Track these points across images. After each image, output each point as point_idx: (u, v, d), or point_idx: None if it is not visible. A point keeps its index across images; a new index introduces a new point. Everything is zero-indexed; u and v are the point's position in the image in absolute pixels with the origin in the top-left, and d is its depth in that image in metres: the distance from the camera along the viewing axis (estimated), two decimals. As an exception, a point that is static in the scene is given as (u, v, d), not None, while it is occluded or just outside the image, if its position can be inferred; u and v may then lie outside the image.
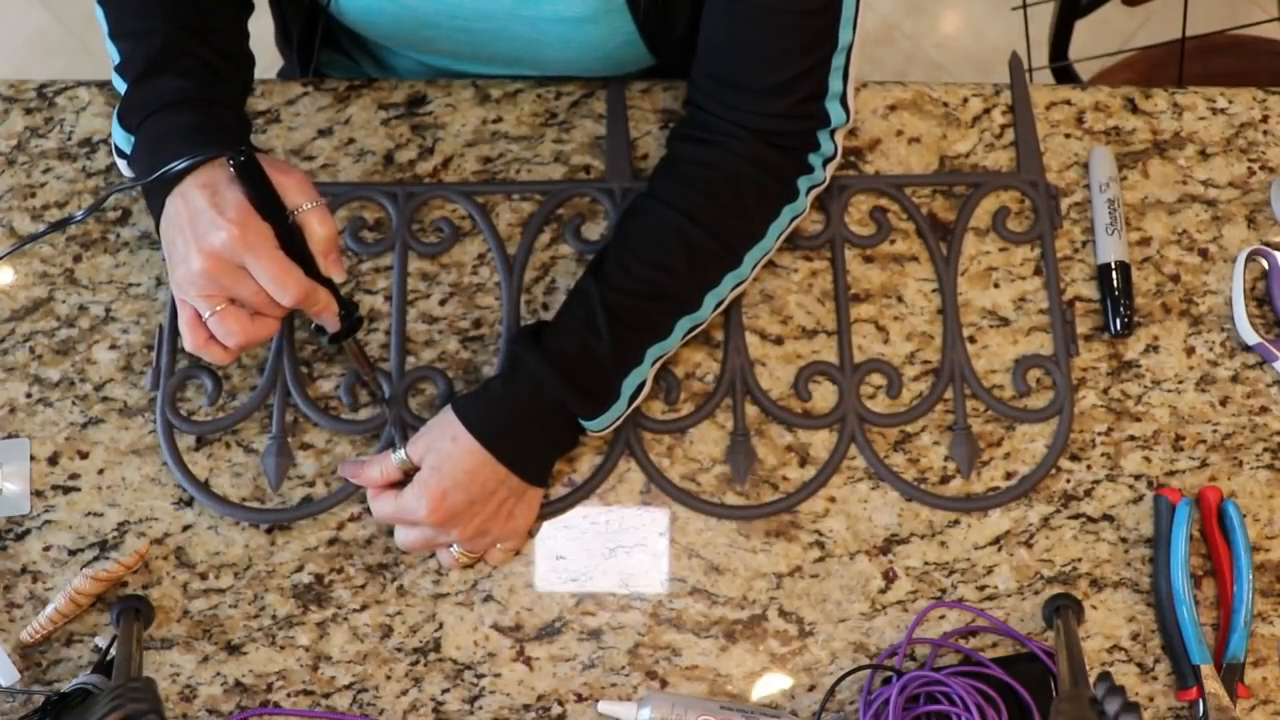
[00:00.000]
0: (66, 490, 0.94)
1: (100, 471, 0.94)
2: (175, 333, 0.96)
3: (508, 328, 0.97)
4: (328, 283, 0.84)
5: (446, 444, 0.87)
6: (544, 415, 0.89)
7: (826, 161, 0.94)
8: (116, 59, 0.86)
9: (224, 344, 0.81)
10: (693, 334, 0.93)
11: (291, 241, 0.81)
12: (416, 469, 0.88)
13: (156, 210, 0.83)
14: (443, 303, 0.99)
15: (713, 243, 0.91)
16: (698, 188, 0.91)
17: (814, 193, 0.95)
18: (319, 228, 0.82)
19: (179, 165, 0.79)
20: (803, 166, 0.94)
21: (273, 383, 0.96)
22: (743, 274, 0.93)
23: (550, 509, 0.94)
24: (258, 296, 0.80)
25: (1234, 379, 0.97)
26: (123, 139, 0.85)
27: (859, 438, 0.95)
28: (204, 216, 0.78)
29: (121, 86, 0.85)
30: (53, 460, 0.95)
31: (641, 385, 0.91)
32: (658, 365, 0.92)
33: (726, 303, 0.94)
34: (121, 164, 0.88)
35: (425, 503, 0.87)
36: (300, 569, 0.93)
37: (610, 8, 0.93)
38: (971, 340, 0.98)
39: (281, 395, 0.95)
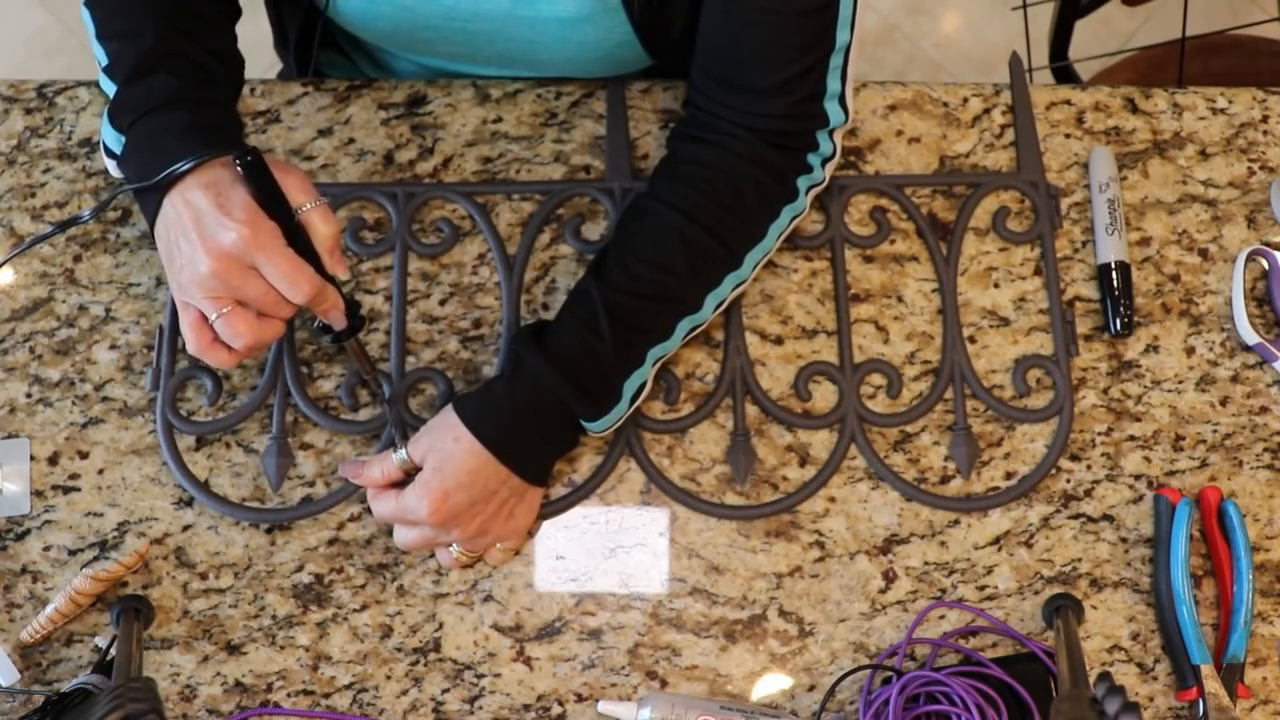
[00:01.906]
0: (66, 490, 0.94)
1: (100, 471, 0.94)
2: (175, 333, 0.96)
3: (508, 328, 0.97)
4: (332, 281, 0.84)
5: (448, 444, 0.87)
6: (546, 416, 0.89)
7: (825, 161, 0.94)
8: (105, 60, 0.86)
9: (230, 346, 0.81)
10: (693, 334, 0.93)
11: (297, 240, 0.81)
12: (417, 468, 0.88)
13: (151, 211, 0.82)
14: (443, 303, 0.99)
15: (713, 243, 0.91)
16: (698, 188, 0.91)
17: (813, 192, 0.95)
18: (323, 226, 0.82)
19: (185, 165, 0.79)
20: (802, 166, 0.94)
21: (273, 383, 0.96)
22: (743, 274, 0.93)
23: (550, 509, 0.94)
24: (267, 296, 0.80)
25: (1234, 379, 0.97)
26: (113, 139, 0.85)
27: (859, 438, 0.95)
28: (210, 217, 0.78)
29: (110, 87, 0.85)
30: (53, 460, 0.95)
31: (642, 386, 0.91)
32: (658, 366, 0.92)
33: (727, 303, 0.94)
34: (110, 164, 0.88)
35: (427, 503, 0.87)
36: (300, 569, 0.93)
37: (606, 8, 0.93)
38: (971, 340, 0.98)
39: (281, 395, 0.95)
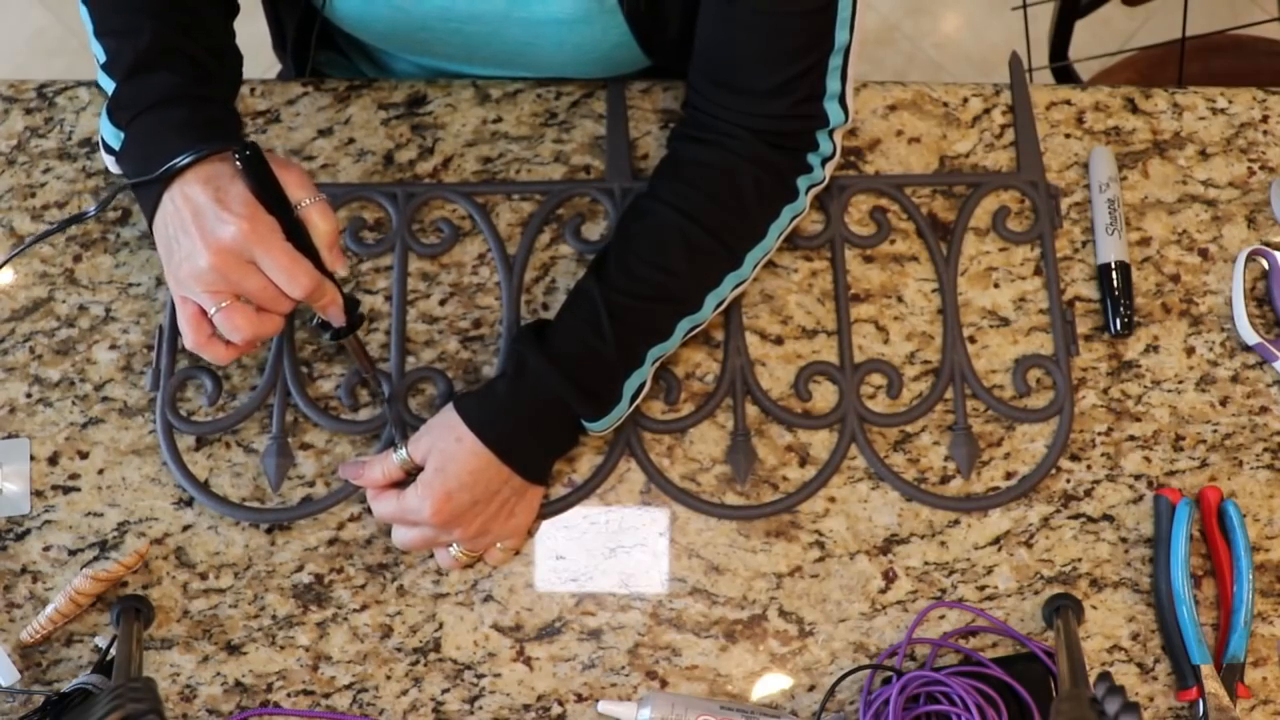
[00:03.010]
0: (66, 490, 0.94)
1: (100, 471, 0.94)
2: (175, 333, 0.96)
3: (508, 328, 0.97)
4: (330, 277, 0.84)
5: (451, 444, 0.87)
6: (548, 416, 0.89)
7: (826, 161, 0.94)
8: (103, 57, 0.86)
9: (229, 340, 0.81)
10: (692, 334, 0.93)
11: (296, 236, 0.81)
12: (419, 468, 0.88)
13: (150, 206, 0.82)
14: (443, 303, 0.99)
15: (714, 243, 0.91)
16: (698, 188, 0.91)
17: (813, 192, 0.95)
18: (321, 222, 0.82)
19: (185, 160, 0.79)
20: (802, 166, 0.94)
21: (273, 383, 0.96)
22: (743, 274, 0.93)
23: (550, 509, 0.94)
24: (266, 291, 0.80)
25: (1234, 379, 0.97)
26: (112, 135, 0.85)
27: (859, 438, 0.95)
28: (209, 211, 0.78)
29: (109, 84, 0.85)
30: (53, 460, 0.95)
31: (642, 386, 0.91)
32: (657, 365, 0.92)
33: (727, 303, 0.94)
34: (109, 160, 0.87)
35: (429, 503, 0.87)
36: (300, 569, 0.93)
37: (603, 9, 0.92)
38: (971, 340, 0.98)
39: (281, 395, 0.95)
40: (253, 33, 1.15)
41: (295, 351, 0.97)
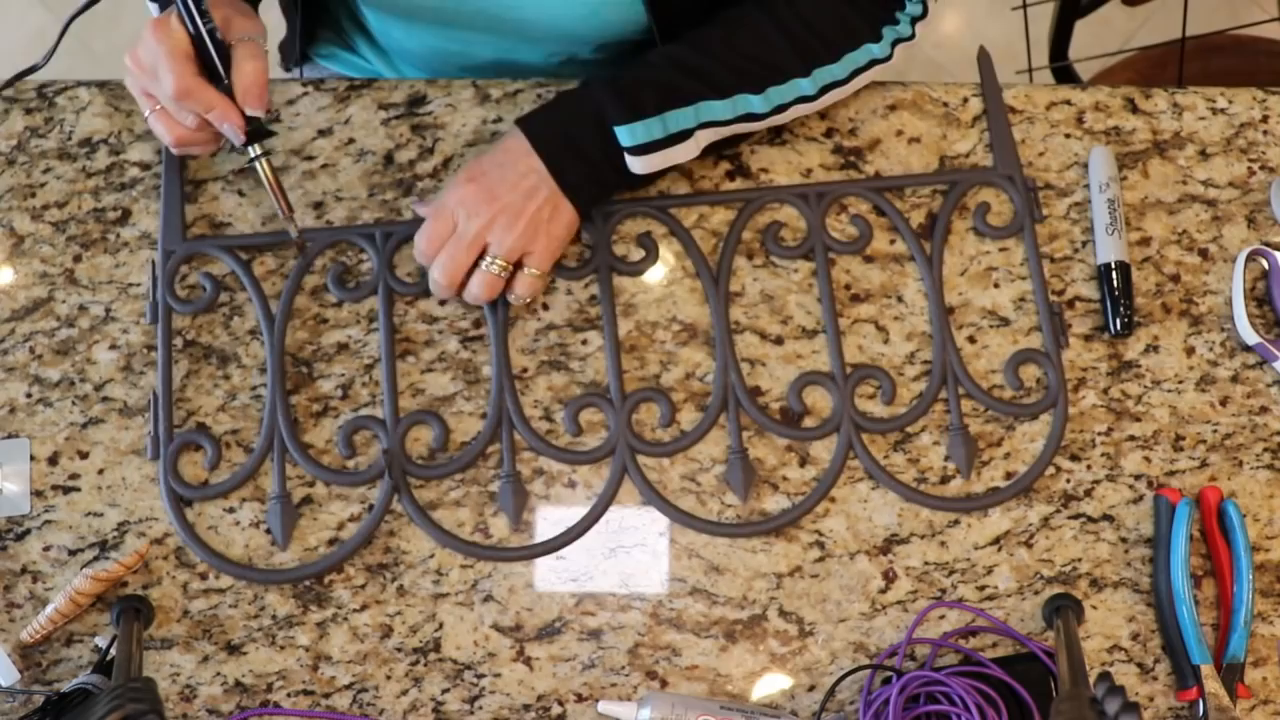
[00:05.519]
0: (66, 490, 0.94)
1: (100, 471, 0.94)
2: (170, 398, 0.95)
3: (496, 376, 0.96)
4: (248, 116, 0.88)
5: (491, 148, 0.93)
6: (580, 109, 0.92)
7: (915, 20, 0.98)
8: None
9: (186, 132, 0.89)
10: (747, 124, 0.94)
11: (213, 57, 0.86)
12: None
13: None
14: (443, 302, 0.99)
15: (784, 42, 0.94)
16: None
17: (900, 47, 0.98)
18: (246, 61, 0.87)
19: None
20: (890, 17, 0.97)
21: (269, 443, 0.94)
22: (806, 90, 0.95)
23: (559, 541, 0.94)
24: (162, 95, 0.87)
25: (1234, 379, 0.97)
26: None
27: (856, 446, 0.95)
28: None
29: None
30: (53, 460, 0.95)
31: (684, 134, 0.92)
32: (704, 134, 0.93)
33: (786, 115, 0.95)
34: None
35: (455, 185, 0.91)
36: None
37: None
38: (972, 340, 0.98)
39: (280, 452, 0.94)
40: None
41: (290, 409, 0.97)
